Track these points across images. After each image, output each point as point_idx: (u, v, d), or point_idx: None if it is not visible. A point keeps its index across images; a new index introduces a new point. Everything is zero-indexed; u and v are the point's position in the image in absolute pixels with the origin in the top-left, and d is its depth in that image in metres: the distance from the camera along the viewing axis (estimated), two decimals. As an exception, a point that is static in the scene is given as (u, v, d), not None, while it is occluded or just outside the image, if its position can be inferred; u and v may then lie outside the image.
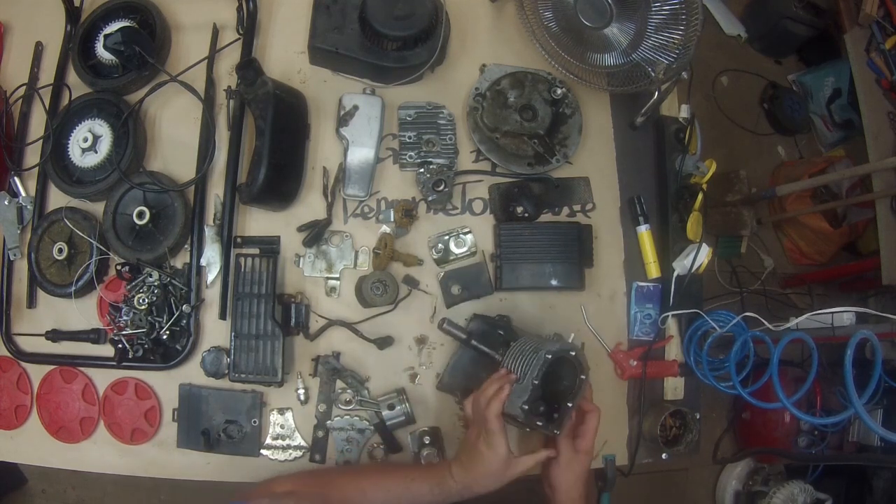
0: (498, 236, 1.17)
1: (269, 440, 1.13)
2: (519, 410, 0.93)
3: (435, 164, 1.18)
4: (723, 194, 2.24)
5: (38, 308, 1.18)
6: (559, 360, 0.96)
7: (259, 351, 1.07)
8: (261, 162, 1.07)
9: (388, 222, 1.18)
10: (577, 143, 1.23)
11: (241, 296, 1.09)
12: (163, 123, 1.21)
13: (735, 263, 2.40)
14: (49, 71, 1.24)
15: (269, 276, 1.09)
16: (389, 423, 1.10)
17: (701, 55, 2.41)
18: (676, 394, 1.23)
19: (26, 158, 1.22)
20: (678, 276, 1.21)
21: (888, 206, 2.05)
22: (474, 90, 1.21)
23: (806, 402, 1.91)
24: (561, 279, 1.16)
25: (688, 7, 1.08)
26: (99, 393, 1.15)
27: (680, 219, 1.24)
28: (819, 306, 1.36)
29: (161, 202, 1.14)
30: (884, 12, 2.20)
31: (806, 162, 2.55)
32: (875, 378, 0.95)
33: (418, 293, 1.16)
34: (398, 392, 1.12)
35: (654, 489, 2.22)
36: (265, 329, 1.07)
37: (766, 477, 2.13)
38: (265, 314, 1.08)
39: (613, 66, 1.19)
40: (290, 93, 1.14)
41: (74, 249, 1.14)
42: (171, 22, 1.23)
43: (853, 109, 2.48)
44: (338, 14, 1.15)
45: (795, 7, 2.49)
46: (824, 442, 1.97)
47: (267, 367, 1.07)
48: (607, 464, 1.15)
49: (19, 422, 1.16)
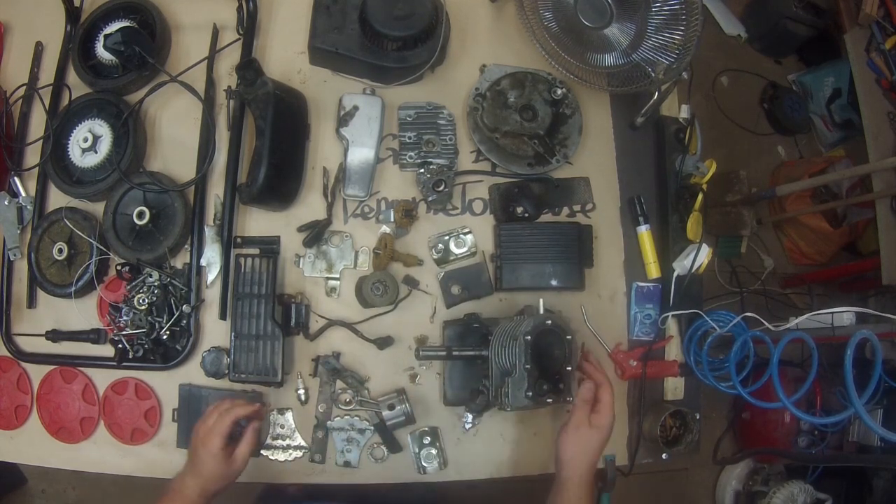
0: (498, 236, 1.17)
1: (268, 440, 1.13)
2: (526, 401, 0.93)
3: (435, 165, 1.18)
4: (723, 194, 2.24)
5: (38, 308, 1.18)
6: (540, 333, 0.96)
7: (259, 351, 1.07)
8: (261, 162, 1.07)
9: (388, 222, 1.18)
10: (577, 143, 1.23)
11: (241, 296, 1.09)
12: (163, 123, 1.21)
13: (735, 263, 2.40)
14: (49, 71, 1.24)
15: (269, 276, 1.09)
16: (390, 423, 1.10)
17: (701, 55, 2.41)
18: (676, 394, 1.23)
19: (26, 158, 1.22)
20: (678, 276, 1.21)
21: (888, 206, 2.05)
22: (474, 90, 1.21)
23: (806, 402, 1.91)
24: (561, 279, 1.16)
25: (688, 7, 1.08)
26: (99, 393, 1.15)
27: (680, 219, 1.24)
28: (819, 306, 1.36)
29: (161, 202, 1.14)
30: (884, 12, 2.20)
31: (806, 162, 2.55)
32: (875, 378, 0.95)
33: (418, 293, 1.16)
34: (398, 392, 1.12)
35: (654, 489, 2.22)
36: (265, 329, 1.07)
37: (766, 477, 2.13)
38: (265, 314, 1.08)
39: (613, 67, 1.19)
40: (290, 93, 1.14)
41: (74, 249, 1.14)
42: (171, 22, 1.23)
43: (853, 109, 2.48)
44: (338, 14, 1.15)
45: (795, 7, 2.49)
46: (824, 442, 1.97)
47: (267, 368, 1.07)
48: (607, 464, 1.15)
49: (19, 422, 1.16)
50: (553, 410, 1.15)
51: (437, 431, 1.14)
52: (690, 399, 1.23)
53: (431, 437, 1.13)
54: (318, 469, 1.13)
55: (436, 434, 1.14)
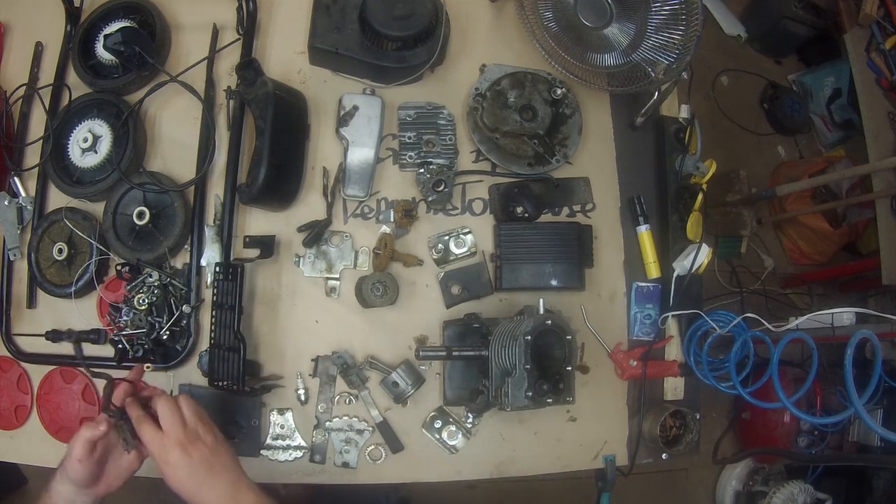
0: (498, 236, 1.17)
1: (268, 440, 1.13)
2: (526, 401, 0.93)
3: (435, 165, 1.18)
4: (723, 194, 2.24)
5: (38, 308, 1.18)
6: (540, 333, 0.96)
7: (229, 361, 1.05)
8: (261, 162, 1.07)
9: (388, 222, 1.18)
10: (577, 143, 1.23)
11: (217, 306, 1.07)
12: (163, 123, 1.21)
13: (735, 263, 2.40)
14: (49, 71, 1.23)
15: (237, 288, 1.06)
16: (400, 388, 1.09)
17: (701, 55, 2.41)
18: (676, 394, 1.23)
19: (26, 158, 1.22)
20: (678, 276, 1.21)
21: (888, 206, 2.05)
22: (474, 90, 1.21)
23: (806, 402, 1.92)
24: (561, 279, 1.16)
25: (688, 7, 1.08)
26: (99, 393, 1.14)
27: (680, 219, 1.24)
28: (819, 306, 1.36)
29: (161, 202, 1.14)
30: (884, 12, 2.20)
31: (806, 162, 2.56)
32: (875, 378, 0.95)
33: (417, 291, 1.17)
34: (404, 362, 1.12)
35: (654, 489, 2.22)
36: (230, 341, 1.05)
37: (766, 477, 2.13)
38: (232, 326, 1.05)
39: (613, 67, 1.19)
40: (290, 93, 1.14)
41: (74, 250, 1.14)
42: (171, 22, 1.23)
43: (853, 109, 2.48)
44: (338, 14, 1.15)
45: (795, 7, 2.49)
46: (824, 442, 1.97)
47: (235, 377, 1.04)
48: (607, 464, 1.15)
49: (19, 422, 1.16)
50: (553, 410, 1.15)
51: (442, 409, 1.14)
52: (690, 399, 1.23)
53: (442, 418, 1.13)
54: (318, 469, 1.13)
55: (443, 412, 1.14)
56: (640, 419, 1.19)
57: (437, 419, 1.14)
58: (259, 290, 1.16)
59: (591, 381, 1.19)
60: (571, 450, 1.17)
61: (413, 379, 1.10)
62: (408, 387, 1.09)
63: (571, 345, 0.98)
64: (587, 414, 1.18)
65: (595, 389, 1.19)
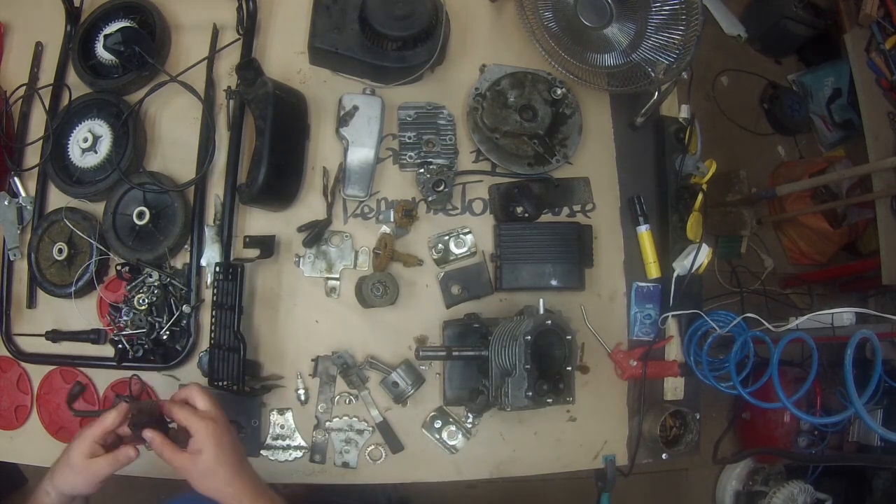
0: (498, 236, 1.17)
1: (269, 440, 1.13)
2: (526, 401, 0.93)
3: (435, 165, 1.18)
4: (723, 194, 2.24)
5: (38, 308, 1.18)
6: (540, 333, 0.96)
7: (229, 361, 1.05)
8: (261, 162, 1.07)
9: (388, 222, 1.18)
10: (577, 143, 1.23)
11: (217, 306, 1.08)
12: (163, 123, 1.21)
13: (735, 263, 2.39)
14: (49, 71, 1.24)
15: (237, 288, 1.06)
16: (401, 387, 1.09)
17: (701, 55, 2.41)
18: (676, 394, 1.23)
19: (26, 158, 1.22)
20: (678, 276, 1.21)
21: (888, 206, 2.04)
22: (474, 90, 1.21)
23: (806, 402, 1.91)
24: (561, 279, 1.16)
25: (688, 7, 1.08)
26: (99, 393, 1.15)
27: (680, 219, 1.24)
28: (819, 306, 1.36)
29: (161, 202, 1.14)
30: (884, 12, 2.20)
31: (806, 162, 2.55)
32: (875, 378, 0.95)
33: (418, 292, 1.16)
34: (404, 362, 1.12)
35: (654, 489, 2.22)
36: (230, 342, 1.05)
37: (766, 477, 2.13)
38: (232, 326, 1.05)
39: (613, 67, 1.19)
40: (289, 93, 1.14)
41: (74, 250, 1.14)
42: (171, 22, 1.23)
43: (853, 109, 2.48)
44: (338, 14, 1.15)
45: (795, 7, 2.49)
46: (824, 442, 1.97)
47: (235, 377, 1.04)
48: (607, 464, 1.15)
49: (19, 422, 1.16)
50: (553, 410, 1.15)
51: (442, 409, 1.14)
52: (690, 399, 1.23)
53: (442, 418, 1.13)
54: (318, 469, 1.13)
55: (443, 412, 1.14)
56: (640, 419, 1.19)
57: (437, 419, 1.14)
58: (259, 290, 1.16)
59: (591, 381, 1.19)
60: (571, 450, 1.17)
61: (413, 379, 1.10)
62: (408, 387, 1.09)
63: (571, 345, 0.98)
64: (587, 414, 1.18)
65: (595, 389, 1.19)
